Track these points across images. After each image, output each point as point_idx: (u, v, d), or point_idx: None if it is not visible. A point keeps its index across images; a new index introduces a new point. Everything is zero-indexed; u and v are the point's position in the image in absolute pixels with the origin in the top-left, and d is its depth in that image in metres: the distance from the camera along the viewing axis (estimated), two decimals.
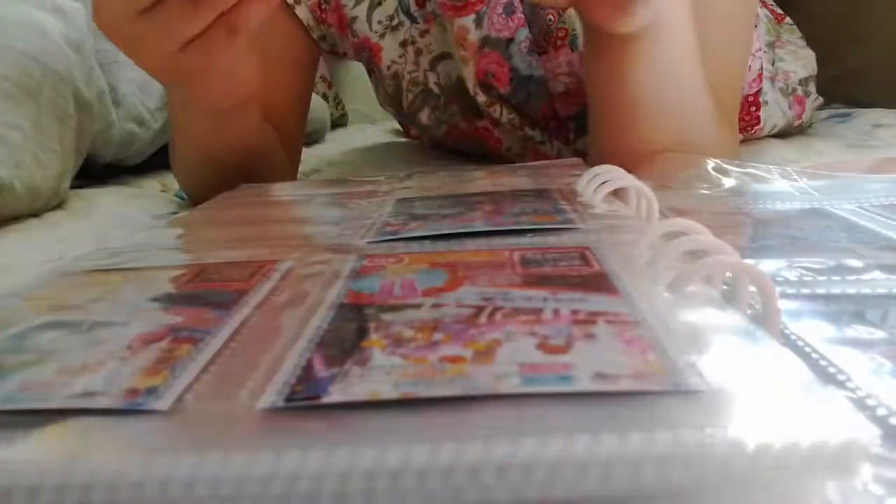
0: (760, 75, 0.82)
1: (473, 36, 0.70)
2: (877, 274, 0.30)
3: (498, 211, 0.37)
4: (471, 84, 0.74)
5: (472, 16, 0.70)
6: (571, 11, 0.69)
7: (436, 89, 0.80)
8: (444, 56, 0.77)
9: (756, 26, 0.81)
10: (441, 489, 0.13)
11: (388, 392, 0.15)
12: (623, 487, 0.13)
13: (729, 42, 0.64)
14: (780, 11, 0.94)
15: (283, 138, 0.70)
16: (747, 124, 0.84)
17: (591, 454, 0.13)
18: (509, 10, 0.70)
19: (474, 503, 0.13)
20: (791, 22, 0.94)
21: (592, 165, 0.42)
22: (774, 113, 0.85)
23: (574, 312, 0.19)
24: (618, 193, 0.39)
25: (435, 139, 0.90)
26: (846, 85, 1.01)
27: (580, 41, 0.70)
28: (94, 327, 0.21)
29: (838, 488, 0.14)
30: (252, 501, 0.13)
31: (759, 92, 0.82)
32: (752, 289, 0.23)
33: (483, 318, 0.19)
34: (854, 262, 0.31)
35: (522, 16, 0.71)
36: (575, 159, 0.58)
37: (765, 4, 0.91)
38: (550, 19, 0.71)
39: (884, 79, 1.02)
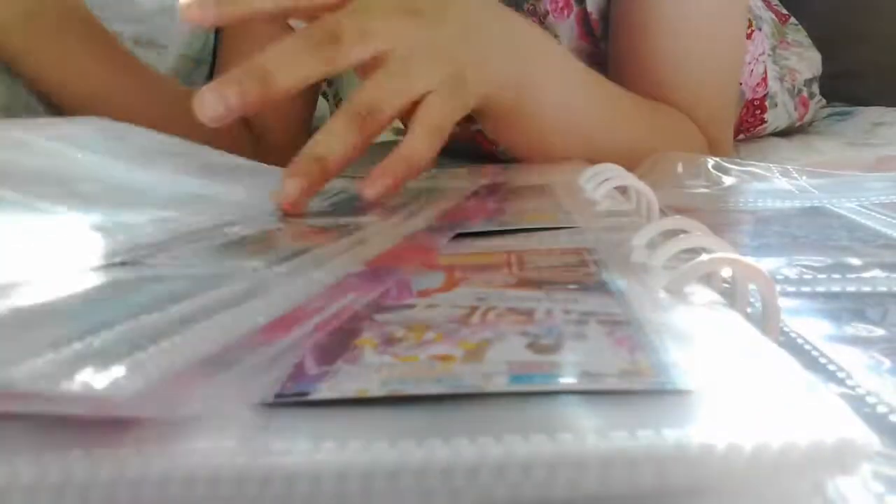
0: (765, 80, 0.81)
1: None
2: (877, 272, 0.29)
3: (499, 210, 0.37)
4: None
5: None
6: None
7: None
8: None
9: (760, 29, 0.81)
10: (422, 487, 0.12)
11: (375, 390, 0.15)
12: (596, 488, 0.12)
13: (713, 38, 0.63)
14: (784, 12, 0.93)
15: (287, 140, 0.71)
16: (751, 125, 0.84)
17: (573, 453, 0.13)
18: None
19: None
20: (796, 22, 0.93)
21: None
22: (781, 114, 0.85)
23: (566, 312, 0.19)
24: (620, 190, 0.39)
25: None
26: (846, 83, 1.01)
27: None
28: None
29: (838, 486, 0.14)
30: (230, 498, 0.13)
31: (765, 96, 0.82)
32: (752, 287, 0.22)
33: (476, 318, 0.19)
34: (854, 261, 0.31)
35: None
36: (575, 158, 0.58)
37: (769, 6, 0.90)
38: None
39: (884, 77, 1.02)
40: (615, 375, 0.15)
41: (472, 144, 0.82)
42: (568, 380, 0.15)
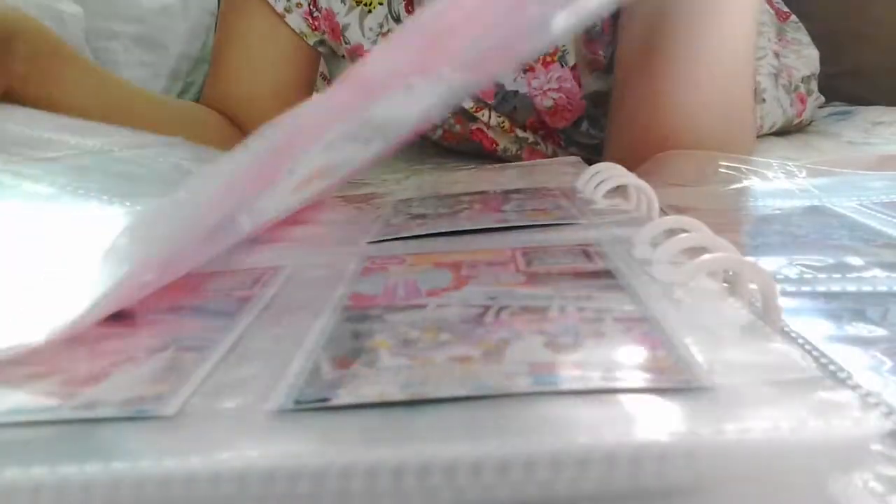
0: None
1: None
2: (877, 272, 0.30)
3: (499, 209, 0.37)
4: None
5: None
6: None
7: None
8: None
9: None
10: (443, 488, 0.13)
11: (396, 393, 0.15)
12: (627, 484, 0.13)
13: (734, 34, 0.63)
14: (785, 9, 0.93)
15: None
16: None
17: (596, 450, 0.13)
18: None
19: (477, 501, 0.13)
20: (796, 20, 0.94)
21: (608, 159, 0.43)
22: (773, 110, 0.85)
23: (580, 310, 0.19)
24: (619, 192, 0.39)
25: (431, 142, 0.90)
26: (846, 83, 1.01)
27: (571, 57, 0.69)
28: (100, 339, 0.21)
29: (839, 486, 0.14)
30: (259, 501, 0.13)
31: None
32: (753, 286, 0.23)
33: (489, 318, 0.19)
34: (854, 260, 0.31)
35: None
36: (573, 158, 0.58)
37: (770, 3, 0.90)
38: None
39: (884, 77, 1.02)
40: (639, 374, 0.15)
41: (473, 144, 0.82)
42: (592, 379, 0.15)
